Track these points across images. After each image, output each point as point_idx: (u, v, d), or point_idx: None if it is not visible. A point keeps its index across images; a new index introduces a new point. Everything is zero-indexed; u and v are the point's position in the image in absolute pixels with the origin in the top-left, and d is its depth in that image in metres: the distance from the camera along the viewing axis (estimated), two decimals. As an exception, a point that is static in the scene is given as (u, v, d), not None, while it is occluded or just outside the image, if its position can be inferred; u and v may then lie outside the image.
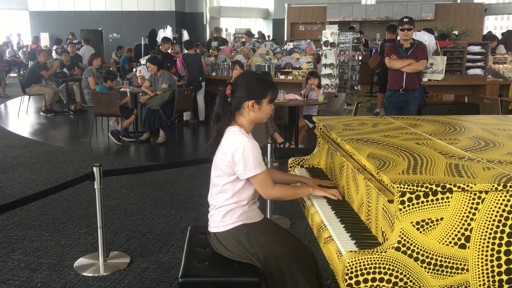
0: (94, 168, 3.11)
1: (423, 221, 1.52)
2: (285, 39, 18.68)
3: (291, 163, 2.78)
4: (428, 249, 1.52)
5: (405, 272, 1.52)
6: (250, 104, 2.14)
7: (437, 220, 1.52)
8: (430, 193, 1.51)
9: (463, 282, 1.53)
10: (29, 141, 7.29)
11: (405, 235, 1.52)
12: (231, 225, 2.17)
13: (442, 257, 1.52)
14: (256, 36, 15.11)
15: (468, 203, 1.52)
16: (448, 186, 1.51)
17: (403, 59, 5.43)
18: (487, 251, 1.53)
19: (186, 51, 8.75)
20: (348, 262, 1.53)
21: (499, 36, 12.74)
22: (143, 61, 8.84)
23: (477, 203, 1.51)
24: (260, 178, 2.11)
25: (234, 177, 2.13)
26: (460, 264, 1.53)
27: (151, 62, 6.99)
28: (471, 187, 1.51)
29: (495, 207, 1.51)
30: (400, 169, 1.69)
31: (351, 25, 14.88)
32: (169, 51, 9.33)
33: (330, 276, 2.95)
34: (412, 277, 1.52)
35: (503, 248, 1.53)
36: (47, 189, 3.17)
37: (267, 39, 15.44)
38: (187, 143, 7.55)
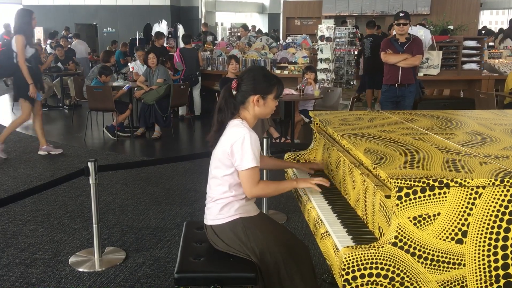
0: (89, 163, 3.09)
1: (420, 216, 1.51)
2: (281, 33, 18.66)
3: (287, 158, 2.77)
4: (425, 244, 1.51)
5: (402, 267, 1.52)
6: (255, 99, 2.14)
7: (434, 215, 1.51)
8: (427, 188, 1.51)
9: (460, 277, 1.53)
10: (23, 136, 7.24)
11: (402, 230, 1.51)
12: (229, 218, 2.16)
13: (439, 252, 1.52)
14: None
15: (465, 198, 1.51)
16: (445, 181, 1.50)
17: (398, 54, 5.43)
18: (484, 246, 1.52)
19: (182, 45, 8.69)
20: (345, 258, 1.52)
21: (496, 31, 12.74)
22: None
23: (474, 198, 1.51)
24: (251, 174, 2.09)
25: (233, 169, 2.12)
26: (457, 259, 1.52)
27: (155, 53, 6.98)
28: (468, 182, 1.51)
29: (492, 202, 1.51)
30: (397, 164, 1.68)
31: (342, 20, 14.85)
32: (164, 45, 9.27)
33: (326, 271, 2.95)
34: (409, 272, 1.52)
35: (500, 243, 1.52)
36: (42, 184, 3.16)
37: (272, 33, 15.46)
38: (182, 138, 7.52)
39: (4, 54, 5.52)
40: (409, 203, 1.51)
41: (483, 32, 12.93)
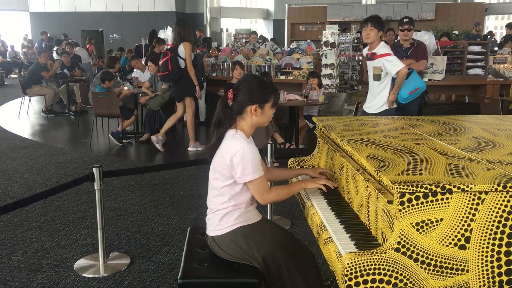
0: (94, 169, 3.10)
1: (422, 222, 1.51)
2: (286, 39, 18.70)
3: (291, 164, 2.77)
4: (428, 250, 1.51)
5: (405, 273, 1.52)
6: (253, 109, 2.14)
7: (436, 221, 1.51)
8: (429, 193, 1.51)
9: (463, 283, 1.53)
10: (29, 142, 7.29)
11: (404, 236, 1.51)
12: (229, 228, 2.16)
13: (442, 258, 1.52)
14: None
15: (468, 203, 1.51)
16: (447, 186, 1.50)
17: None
18: (487, 252, 1.52)
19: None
20: (348, 263, 1.52)
21: (499, 35, 12.67)
22: (142, 62, 8.83)
23: (477, 204, 1.51)
24: (258, 184, 2.10)
25: (232, 180, 2.12)
26: (460, 265, 1.52)
27: (153, 62, 7.01)
28: (471, 188, 1.50)
29: (495, 207, 1.51)
30: (399, 169, 1.68)
31: (345, 27, 14.86)
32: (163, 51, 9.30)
33: (330, 277, 2.94)
34: (412, 278, 1.52)
35: (503, 249, 1.52)
36: (48, 190, 3.17)
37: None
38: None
39: (172, 60, 6.11)
40: (412, 209, 1.51)
41: (488, 36, 12.89)
